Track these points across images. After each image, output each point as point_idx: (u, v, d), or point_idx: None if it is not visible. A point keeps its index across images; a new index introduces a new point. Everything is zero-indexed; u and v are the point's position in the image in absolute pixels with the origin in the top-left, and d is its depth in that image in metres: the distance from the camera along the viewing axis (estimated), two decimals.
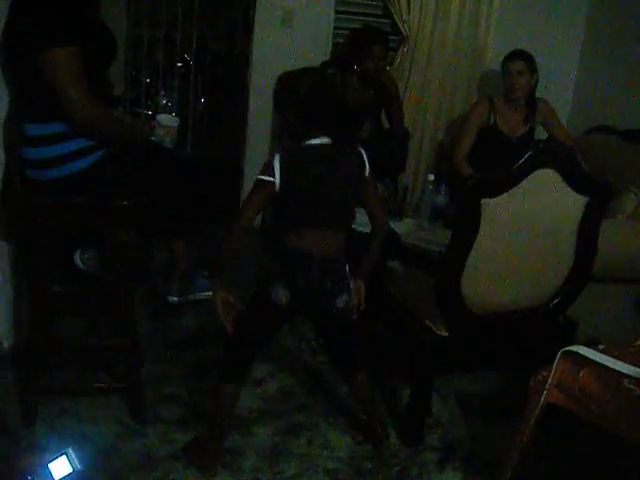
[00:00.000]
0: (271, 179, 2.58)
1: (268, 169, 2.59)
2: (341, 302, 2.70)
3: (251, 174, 5.22)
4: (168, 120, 3.31)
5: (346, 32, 4.97)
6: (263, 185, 2.60)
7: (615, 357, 2.67)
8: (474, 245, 2.75)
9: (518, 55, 4.44)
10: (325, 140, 2.65)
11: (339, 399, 3.33)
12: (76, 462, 1.81)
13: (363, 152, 2.72)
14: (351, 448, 3.03)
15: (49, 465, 1.79)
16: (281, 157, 2.58)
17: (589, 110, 5.22)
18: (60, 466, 1.80)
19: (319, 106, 2.64)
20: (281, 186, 2.58)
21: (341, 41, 5.03)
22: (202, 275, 3.40)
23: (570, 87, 5.44)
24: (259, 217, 2.92)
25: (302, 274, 2.64)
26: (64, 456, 1.81)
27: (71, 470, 1.80)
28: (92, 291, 3.18)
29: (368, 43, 4.51)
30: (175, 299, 3.32)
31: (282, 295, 2.64)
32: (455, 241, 2.81)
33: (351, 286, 2.73)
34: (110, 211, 2.81)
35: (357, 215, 2.79)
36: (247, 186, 5.21)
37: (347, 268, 2.72)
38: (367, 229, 2.89)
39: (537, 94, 4.63)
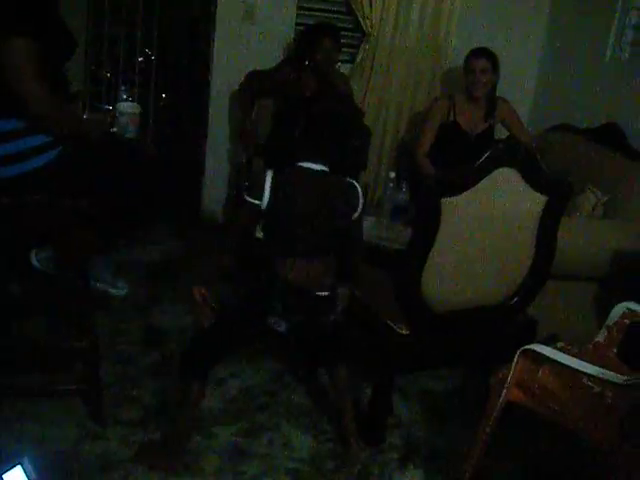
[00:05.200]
0: (257, 202, 2.56)
1: (256, 189, 2.56)
2: (327, 322, 2.73)
3: (212, 173, 5.23)
4: (129, 107, 3.27)
5: None
6: (249, 206, 2.59)
7: (574, 355, 2.69)
8: (434, 244, 2.75)
9: (481, 53, 4.45)
10: (320, 167, 2.64)
11: (301, 399, 3.32)
12: (32, 472, 1.77)
13: (360, 191, 2.70)
14: (312, 448, 3.02)
15: (3, 476, 1.75)
16: (274, 178, 2.56)
17: (549, 108, 5.26)
18: (15, 477, 1.76)
19: (330, 130, 2.62)
20: (268, 208, 2.57)
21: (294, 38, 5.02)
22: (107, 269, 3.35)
23: (530, 85, 5.47)
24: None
25: (300, 309, 2.68)
26: (19, 466, 1.77)
27: None
28: (49, 291, 3.13)
29: (318, 37, 4.50)
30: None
31: (282, 326, 2.66)
32: (415, 240, 2.81)
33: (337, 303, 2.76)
34: (68, 210, 2.77)
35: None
36: (208, 184, 5.24)
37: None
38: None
39: (498, 92, 4.65)
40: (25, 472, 1.77)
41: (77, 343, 2.94)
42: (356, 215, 2.71)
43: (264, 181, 2.56)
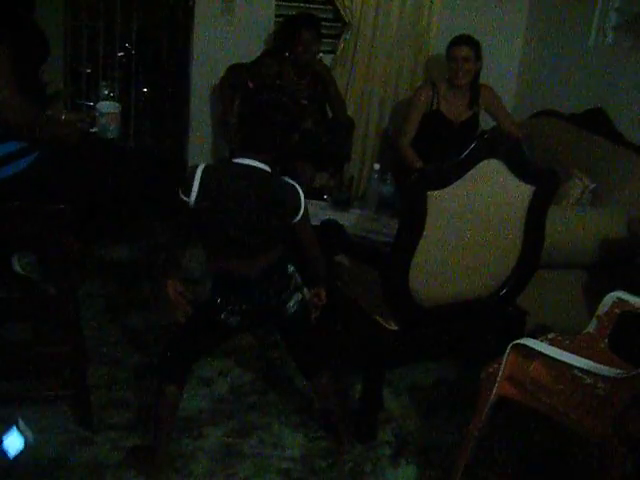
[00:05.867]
0: (185, 198, 2.46)
1: (186, 184, 2.45)
2: (293, 305, 2.66)
3: None
4: (109, 107, 3.23)
5: None
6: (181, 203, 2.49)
7: (566, 346, 2.68)
8: (421, 238, 2.72)
9: (464, 41, 4.41)
10: (258, 164, 2.49)
11: (291, 397, 3.29)
12: (28, 432, 1.76)
13: (301, 193, 2.56)
14: (304, 446, 2.99)
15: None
16: (203, 173, 2.45)
17: (533, 94, 5.24)
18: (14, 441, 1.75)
19: (266, 127, 2.49)
20: (196, 204, 2.46)
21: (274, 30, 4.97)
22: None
23: (514, 72, 5.45)
24: None
25: (244, 298, 2.59)
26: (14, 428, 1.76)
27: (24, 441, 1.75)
28: (33, 296, 3.09)
29: (298, 28, 4.45)
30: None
31: (232, 320, 2.60)
32: (401, 235, 2.77)
33: (299, 284, 2.69)
34: (48, 215, 2.72)
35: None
36: None
37: (290, 269, 2.67)
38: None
39: (481, 79, 4.62)
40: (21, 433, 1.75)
41: (63, 347, 2.90)
42: (298, 218, 2.56)
43: (193, 176, 2.44)
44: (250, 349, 3.62)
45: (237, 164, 2.51)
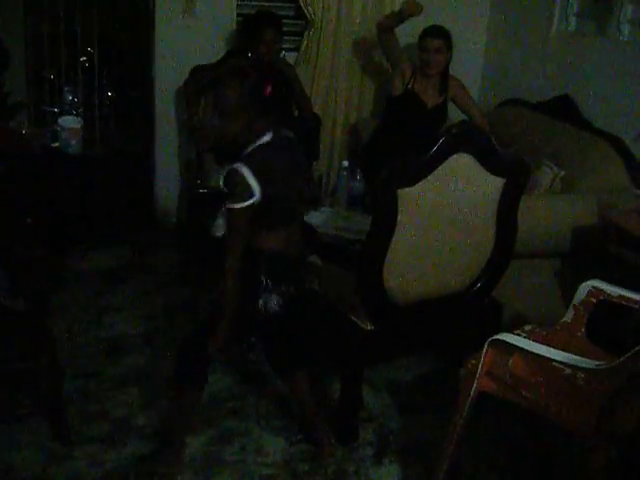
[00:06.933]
0: (251, 201, 2.41)
1: (244, 190, 2.40)
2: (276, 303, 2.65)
3: (162, 169, 5.14)
4: (71, 122, 3.18)
5: None
6: (246, 210, 2.43)
7: (543, 337, 2.68)
8: (393, 236, 2.70)
9: (436, 33, 4.38)
10: (269, 135, 2.53)
11: (270, 401, 3.27)
12: None
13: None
14: (285, 451, 2.97)
15: None
16: (250, 169, 2.41)
17: (499, 83, 5.23)
18: None
19: (259, 99, 2.52)
20: (262, 197, 2.44)
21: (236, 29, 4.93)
22: None
23: (479, 61, 5.43)
24: None
25: (290, 280, 2.60)
26: None
27: None
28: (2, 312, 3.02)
29: (260, 27, 4.40)
30: None
31: (271, 306, 2.58)
32: (373, 234, 2.75)
33: None
34: (13, 229, 2.67)
35: None
36: (159, 182, 5.14)
37: None
38: None
39: None
40: None
41: (35, 361, 2.84)
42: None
43: (244, 177, 2.40)
44: (226, 354, 3.58)
45: (267, 142, 2.53)
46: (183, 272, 4.41)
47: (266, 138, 2.53)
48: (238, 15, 4.93)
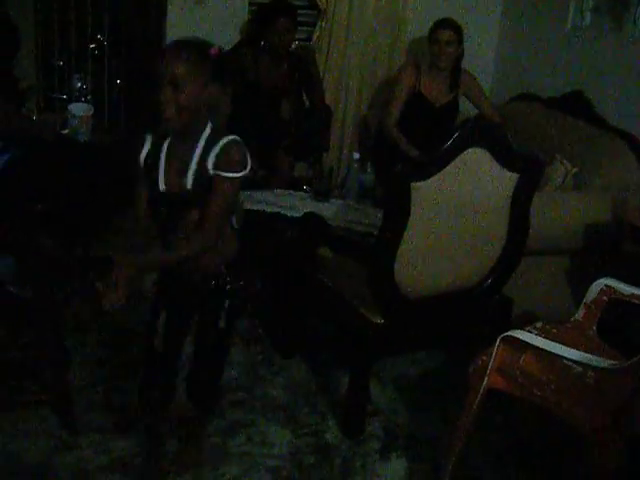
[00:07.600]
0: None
1: (247, 159, 2.36)
2: None
3: None
4: (81, 109, 3.16)
5: None
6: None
7: (554, 335, 2.66)
8: (406, 230, 2.68)
9: (447, 25, 4.36)
10: None
11: (276, 392, 3.26)
12: None
13: None
14: (291, 443, 2.96)
15: None
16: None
17: (511, 78, 5.19)
18: None
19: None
20: None
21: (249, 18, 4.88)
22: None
23: (491, 55, 5.39)
24: None
25: None
26: None
27: None
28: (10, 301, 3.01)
29: (273, 16, 4.36)
30: None
31: None
32: (386, 227, 2.73)
33: None
34: (24, 216, 2.66)
35: None
36: None
37: None
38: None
39: None
40: None
41: (41, 349, 2.84)
42: None
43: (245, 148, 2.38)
44: (232, 345, 3.57)
45: None
46: None
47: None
48: (250, 4, 4.90)
